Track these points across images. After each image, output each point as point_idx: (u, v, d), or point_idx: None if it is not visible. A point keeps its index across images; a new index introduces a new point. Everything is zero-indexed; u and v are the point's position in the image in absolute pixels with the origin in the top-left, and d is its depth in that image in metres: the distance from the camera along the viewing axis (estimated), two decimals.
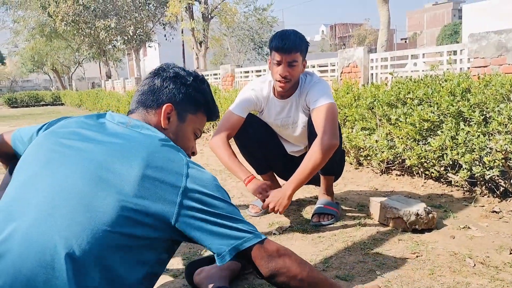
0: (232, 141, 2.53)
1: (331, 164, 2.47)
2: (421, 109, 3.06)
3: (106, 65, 24.01)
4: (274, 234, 2.37)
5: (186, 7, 15.23)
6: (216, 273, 1.72)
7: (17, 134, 1.42)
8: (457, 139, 2.74)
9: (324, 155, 2.18)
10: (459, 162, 2.78)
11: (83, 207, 1.03)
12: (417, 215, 2.25)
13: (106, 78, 24.00)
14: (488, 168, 2.60)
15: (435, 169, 2.99)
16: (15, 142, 1.41)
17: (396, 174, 3.53)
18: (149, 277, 1.13)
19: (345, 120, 3.99)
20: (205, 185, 1.13)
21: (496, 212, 2.52)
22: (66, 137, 1.18)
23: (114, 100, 12.64)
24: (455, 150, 2.76)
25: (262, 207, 2.31)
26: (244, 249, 1.14)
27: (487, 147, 2.59)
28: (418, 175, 3.34)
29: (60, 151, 1.14)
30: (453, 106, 2.87)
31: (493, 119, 2.61)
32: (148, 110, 1.30)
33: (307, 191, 3.23)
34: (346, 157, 3.39)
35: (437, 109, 2.97)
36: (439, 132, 2.93)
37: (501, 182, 2.71)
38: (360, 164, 3.94)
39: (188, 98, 1.34)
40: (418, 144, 3.08)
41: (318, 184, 2.71)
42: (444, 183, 3.13)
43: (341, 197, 3.02)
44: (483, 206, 2.65)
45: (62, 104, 24.94)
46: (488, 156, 2.56)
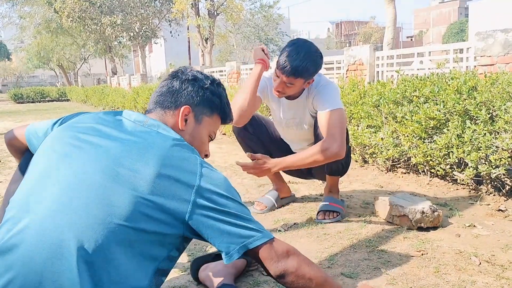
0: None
1: (337, 166, 2.48)
2: (427, 107, 3.05)
3: (112, 61, 24.04)
4: (279, 231, 2.37)
5: (192, 3, 15.24)
6: (222, 269, 1.73)
7: (32, 129, 1.42)
8: (463, 137, 2.74)
9: (326, 160, 2.20)
10: (465, 160, 2.78)
11: (99, 201, 1.05)
12: (422, 213, 2.25)
13: (111, 74, 24.03)
14: (494, 167, 2.59)
15: (441, 167, 2.99)
16: (29, 137, 1.42)
17: (402, 172, 3.52)
18: (158, 273, 1.14)
19: (351, 118, 3.99)
20: (218, 185, 1.16)
21: (501, 210, 2.52)
22: (84, 132, 1.19)
23: (120, 96, 12.67)
24: (461, 148, 2.76)
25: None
26: (252, 248, 1.16)
27: (493, 146, 2.59)
28: (423, 173, 3.33)
29: (77, 145, 1.16)
30: (460, 104, 2.86)
31: (500, 117, 2.60)
32: (166, 111, 1.32)
33: (312, 188, 3.23)
34: (351, 155, 3.39)
35: (443, 107, 2.96)
36: (445, 130, 2.92)
37: (507, 181, 2.71)
38: (366, 162, 3.94)
39: (205, 101, 1.36)
40: (424, 142, 3.07)
41: (324, 179, 2.71)
42: (450, 181, 3.12)
43: (346, 194, 3.02)
44: (488, 205, 2.65)
45: (68, 100, 25.01)
46: (494, 154, 2.56)
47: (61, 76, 39.13)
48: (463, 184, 3.01)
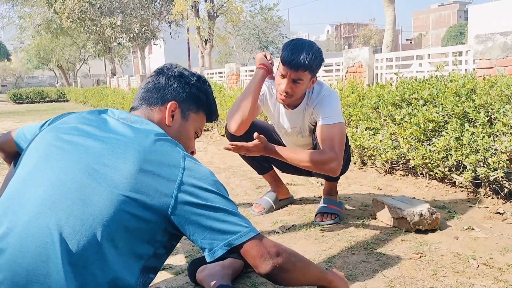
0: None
1: None
2: (426, 110, 3.05)
3: (111, 62, 24.05)
4: (277, 233, 2.37)
5: (191, 5, 15.25)
6: (219, 271, 1.72)
7: (20, 132, 1.43)
8: (462, 140, 2.74)
9: (319, 171, 2.21)
10: (464, 163, 2.78)
11: (81, 201, 1.04)
12: (420, 215, 2.25)
13: (111, 75, 24.04)
14: (492, 170, 2.59)
15: (439, 170, 2.99)
16: (18, 140, 1.43)
17: (400, 174, 3.53)
18: (146, 271, 1.13)
19: (350, 120, 3.99)
20: (202, 178, 1.13)
21: (500, 213, 2.52)
22: (66, 132, 1.18)
23: (119, 97, 12.67)
24: (459, 151, 2.76)
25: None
26: (238, 244, 1.12)
27: (492, 148, 2.59)
28: (422, 175, 3.33)
29: (59, 146, 1.15)
30: (458, 107, 2.86)
31: (498, 120, 2.60)
32: (152, 107, 1.32)
33: (311, 190, 3.23)
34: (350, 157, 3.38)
35: (442, 109, 2.97)
36: (443, 133, 2.93)
37: (505, 184, 2.71)
38: (364, 164, 3.94)
39: (191, 97, 1.36)
40: (423, 145, 3.08)
41: (322, 177, 2.68)
42: (448, 184, 3.12)
43: (344, 196, 3.02)
44: (487, 208, 2.64)
45: (67, 101, 25.02)
46: (493, 157, 2.56)
47: (60, 77, 39.16)
48: (461, 187, 3.01)
